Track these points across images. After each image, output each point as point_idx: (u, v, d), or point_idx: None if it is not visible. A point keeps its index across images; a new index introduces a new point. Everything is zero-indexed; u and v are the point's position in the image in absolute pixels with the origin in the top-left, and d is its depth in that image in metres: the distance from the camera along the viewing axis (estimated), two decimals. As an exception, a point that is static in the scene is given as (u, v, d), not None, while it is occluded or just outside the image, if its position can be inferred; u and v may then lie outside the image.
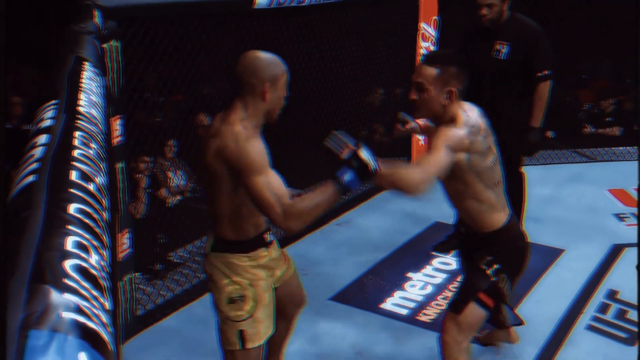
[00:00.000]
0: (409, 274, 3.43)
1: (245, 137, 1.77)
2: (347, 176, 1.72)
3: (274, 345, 2.24)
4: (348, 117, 4.71)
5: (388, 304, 3.14)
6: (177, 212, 3.76)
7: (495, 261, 2.09)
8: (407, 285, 3.33)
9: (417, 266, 3.51)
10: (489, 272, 2.08)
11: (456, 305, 2.11)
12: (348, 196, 4.48)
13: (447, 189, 2.11)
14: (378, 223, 4.08)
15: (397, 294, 3.24)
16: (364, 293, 3.25)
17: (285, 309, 2.21)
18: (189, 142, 3.66)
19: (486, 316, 2.13)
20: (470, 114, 2.02)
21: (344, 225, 4.10)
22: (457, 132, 1.95)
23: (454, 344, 2.08)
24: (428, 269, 3.49)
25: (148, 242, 3.38)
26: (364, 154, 1.73)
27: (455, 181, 2.03)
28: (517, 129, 3.28)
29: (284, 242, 3.80)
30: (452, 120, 1.98)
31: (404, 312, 3.07)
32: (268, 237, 2.04)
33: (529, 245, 2.23)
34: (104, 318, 0.59)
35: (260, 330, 1.98)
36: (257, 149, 1.77)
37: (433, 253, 3.65)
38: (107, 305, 0.63)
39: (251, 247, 1.97)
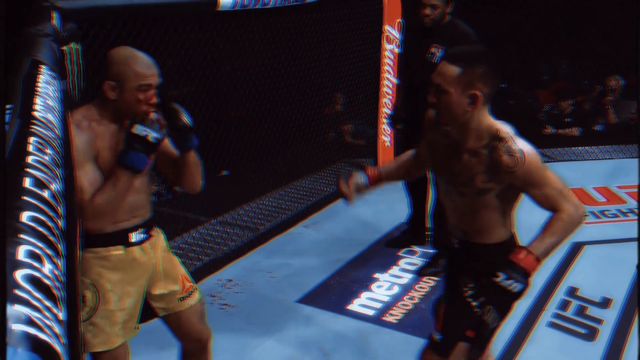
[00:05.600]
0: (376, 275, 3.46)
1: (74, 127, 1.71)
2: (127, 156, 1.72)
3: None
4: (314, 122, 4.72)
5: (355, 305, 3.15)
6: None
7: (482, 293, 1.82)
8: (373, 286, 3.35)
9: (384, 267, 3.54)
10: (474, 304, 1.82)
11: (443, 348, 1.86)
12: (315, 198, 4.49)
13: (465, 196, 1.79)
14: (345, 225, 4.10)
15: (364, 294, 3.25)
16: (331, 294, 3.26)
17: (185, 344, 2.05)
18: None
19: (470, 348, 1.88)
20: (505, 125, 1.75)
21: (312, 227, 4.11)
22: (529, 147, 1.69)
23: None
24: (395, 270, 3.52)
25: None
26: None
27: (490, 194, 1.75)
28: None
29: (256, 242, 3.78)
30: (496, 135, 1.69)
31: (371, 312, 3.09)
32: (134, 236, 1.85)
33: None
34: (57, 329, 0.58)
35: (98, 337, 1.81)
36: (76, 141, 1.71)
37: (398, 251, 3.69)
38: (61, 315, 0.62)
39: (101, 242, 1.79)
